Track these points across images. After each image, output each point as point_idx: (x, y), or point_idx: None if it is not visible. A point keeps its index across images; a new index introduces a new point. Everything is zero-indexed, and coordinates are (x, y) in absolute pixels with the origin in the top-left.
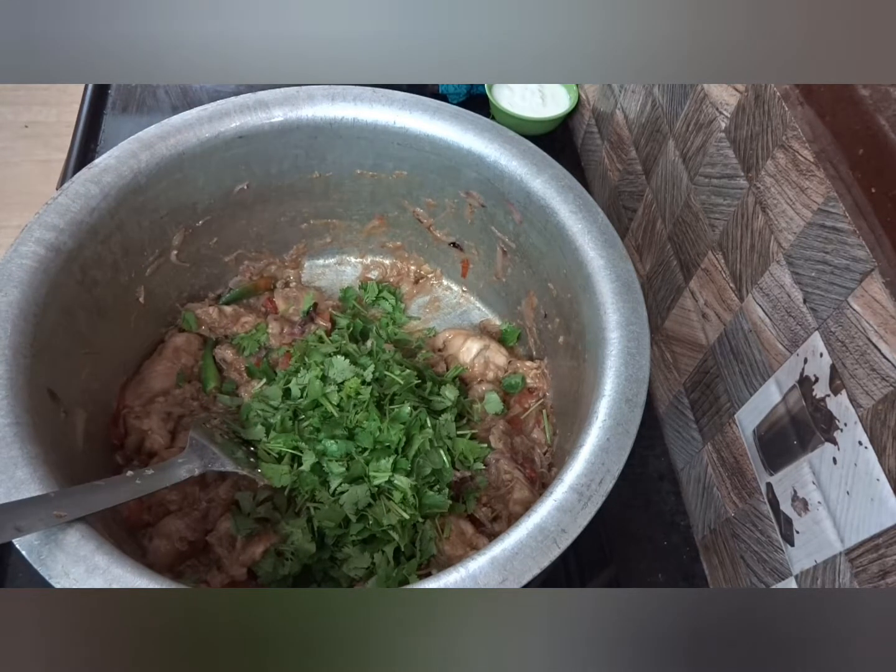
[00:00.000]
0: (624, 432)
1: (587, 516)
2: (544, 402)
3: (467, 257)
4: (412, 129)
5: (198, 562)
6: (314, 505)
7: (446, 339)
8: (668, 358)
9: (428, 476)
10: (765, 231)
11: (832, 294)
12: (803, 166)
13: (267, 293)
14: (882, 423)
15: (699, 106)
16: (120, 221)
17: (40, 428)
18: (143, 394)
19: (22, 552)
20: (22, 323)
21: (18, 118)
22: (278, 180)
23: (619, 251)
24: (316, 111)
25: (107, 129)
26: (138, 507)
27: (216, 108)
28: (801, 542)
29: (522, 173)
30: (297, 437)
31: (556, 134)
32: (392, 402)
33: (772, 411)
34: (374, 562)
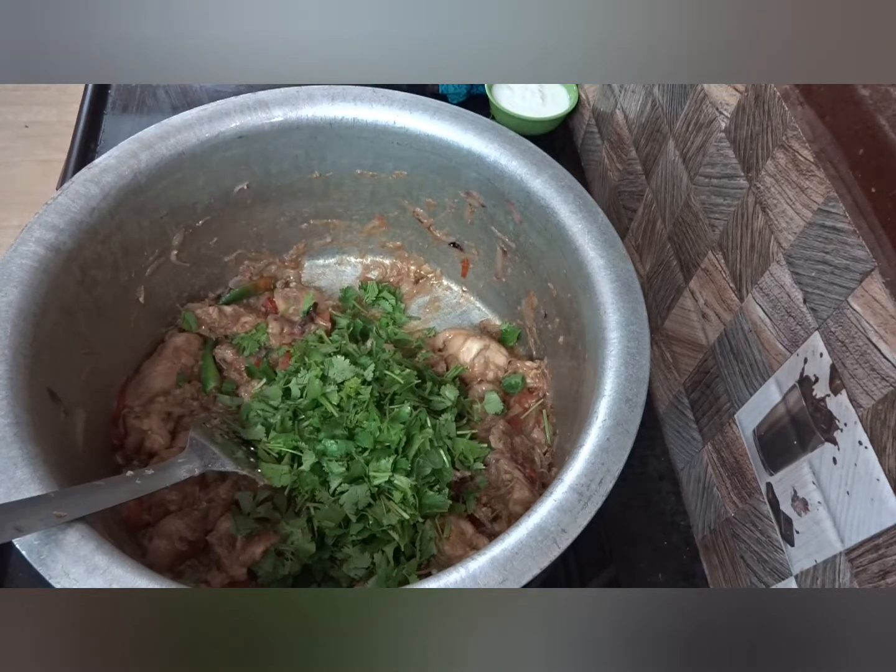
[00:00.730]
0: (624, 432)
1: (587, 516)
2: (544, 402)
3: (467, 257)
4: (412, 129)
5: (198, 562)
6: (314, 505)
7: (446, 339)
8: (668, 358)
9: (428, 476)
10: (765, 231)
11: (832, 294)
12: (803, 166)
13: (267, 293)
14: (882, 423)
15: (699, 106)
16: (120, 221)
17: (40, 428)
18: (143, 394)
19: (22, 552)
20: (22, 323)
21: (18, 118)
22: (278, 180)
23: (619, 251)
24: (316, 111)
25: (107, 129)
26: (138, 507)
27: (216, 108)
28: (801, 542)
29: (522, 173)
30: (297, 437)
31: (556, 134)
32: (392, 402)
33: (772, 411)
34: (374, 562)
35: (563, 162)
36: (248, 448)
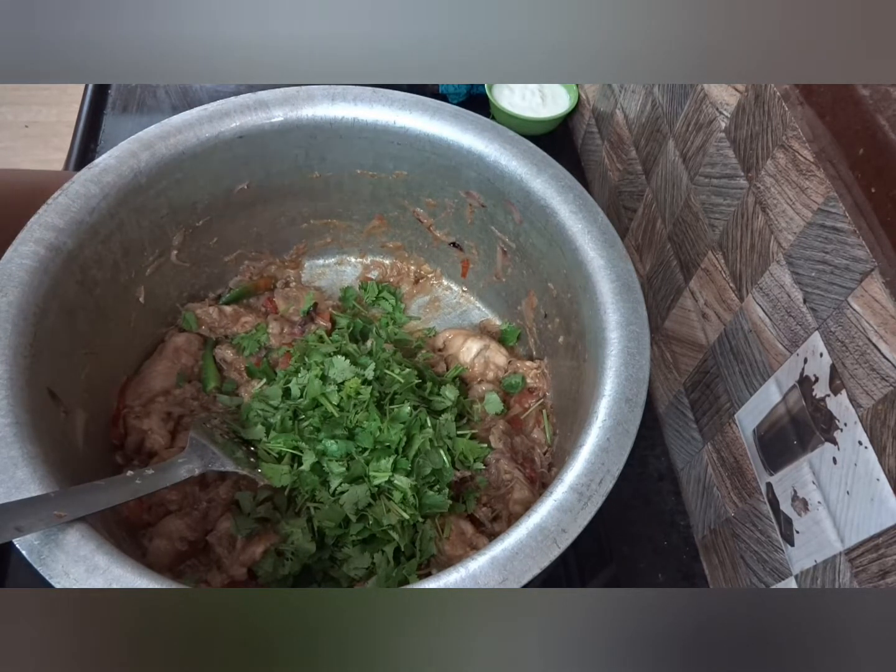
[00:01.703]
0: (624, 432)
1: (587, 516)
2: (544, 402)
3: (467, 257)
4: (412, 129)
5: (198, 562)
6: (314, 505)
7: (446, 339)
8: (668, 358)
9: (428, 476)
10: (765, 231)
11: (832, 294)
12: (803, 166)
13: (267, 293)
14: (882, 423)
15: (699, 106)
16: (120, 221)
17: (40, 428)
18: (143, 394)
19: (22, 552)
20: (22, 323)
21: (18, 118)
22: (278, 180)
23: (619, 251)
24: (316, 111)
25: (107, 129)
26: (138, 507)
27: (216, 108)
28: (801, 541)
29: (522, 173)
30: (297, 437)
31: (556, 134)
32: (392, 402)
33: (772, 411)
34: (374, 562)
35: (563, 162)
36: (248, 448)
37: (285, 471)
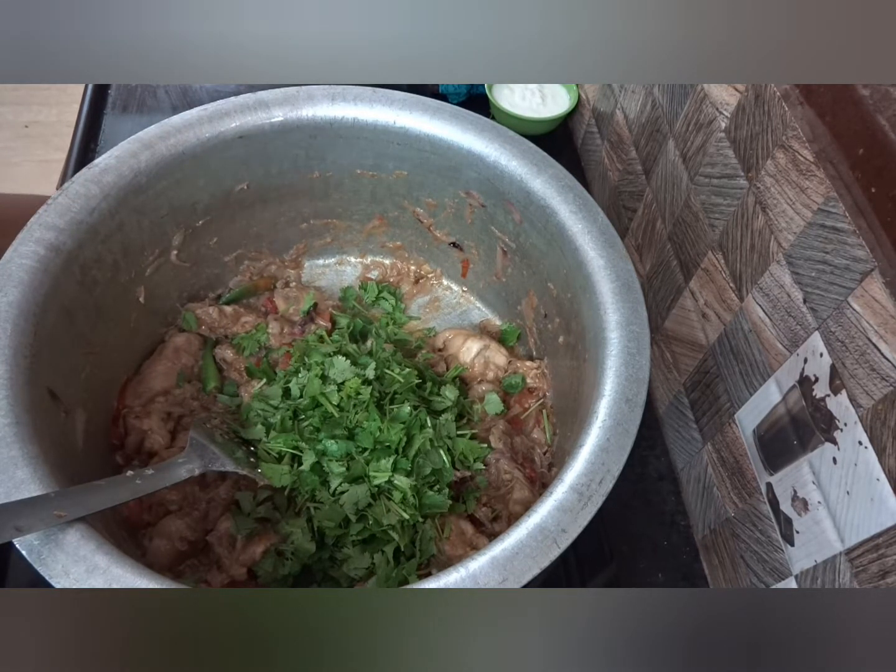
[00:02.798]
0: (624, 432)
1: (587, 516)
2: (544, 402)
3: (467, 257)
4: (412, 129)
5: (198, 562)
6: (314, 505)
7: (446, 339)
8: (668, 358)
9: (428, 476)
10: (765, 231)
11: (832, 294)
12: (803, 166)
13: (267, 293)
14: (882, 423)
15: (699, 106)
16: (120, 221)
17: (40, 428)
18: (143, 394)
19: (22, 552)
20: (22, 323)
21: (18, 118)
22: (278, 180)
23: (619, 251)
24: (316, 111)
25: (107, 129)
26: (138, 507)
27: (216, 108)
28: (801, 542)
29: (522, 173)
30: (297, 436)
31: (556, 134)
32: (392, 402)
33: (772, 411)
34: (374, 562)
35: (563, 162)
36: (248, 448)
37: (285, 471)
